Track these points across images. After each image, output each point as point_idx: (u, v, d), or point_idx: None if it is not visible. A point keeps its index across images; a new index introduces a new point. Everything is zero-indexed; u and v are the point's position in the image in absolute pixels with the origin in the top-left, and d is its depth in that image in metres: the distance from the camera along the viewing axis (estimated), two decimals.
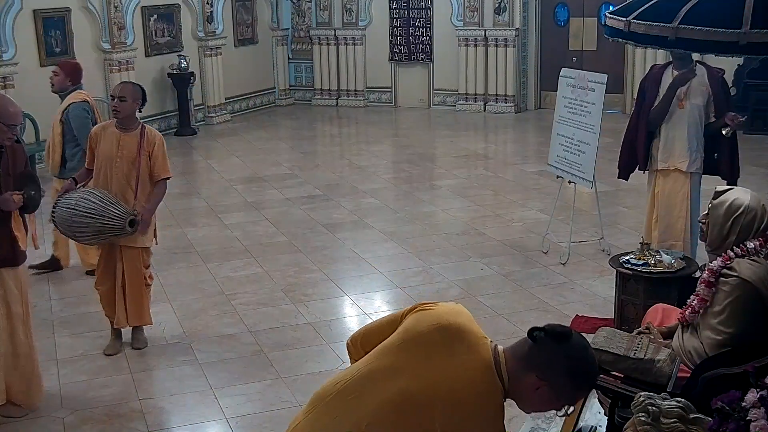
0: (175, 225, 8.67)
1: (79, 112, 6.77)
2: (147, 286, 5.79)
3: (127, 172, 5.50)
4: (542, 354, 2.44)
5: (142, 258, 5.71)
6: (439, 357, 2.48)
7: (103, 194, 5.40)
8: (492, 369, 2.46)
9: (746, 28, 3.73)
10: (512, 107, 14.63)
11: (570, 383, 2.46)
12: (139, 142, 5.49)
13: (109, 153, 5.49)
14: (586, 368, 2.50)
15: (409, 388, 2.45)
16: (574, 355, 2.46)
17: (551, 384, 2.44)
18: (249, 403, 5.04)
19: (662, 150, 6.35)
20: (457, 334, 2.52)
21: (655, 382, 3.66)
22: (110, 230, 5.39)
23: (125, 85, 5.69)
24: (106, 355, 5.73)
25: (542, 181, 9.98)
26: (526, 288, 6.76)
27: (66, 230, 5.47)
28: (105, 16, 12.25)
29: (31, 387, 4.95)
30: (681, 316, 3.92)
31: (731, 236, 3.79)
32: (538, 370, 2.43)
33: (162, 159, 5.58)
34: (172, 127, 13.74)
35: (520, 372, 2.46)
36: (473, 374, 2.46)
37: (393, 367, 2.50)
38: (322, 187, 10.16)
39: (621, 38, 4.42)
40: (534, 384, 2.44)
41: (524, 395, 2.49)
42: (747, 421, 2.77)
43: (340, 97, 15.97)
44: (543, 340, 2.46)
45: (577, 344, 2.48)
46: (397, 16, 15.31)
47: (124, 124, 5.51)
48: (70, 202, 5.36)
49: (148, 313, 5.82)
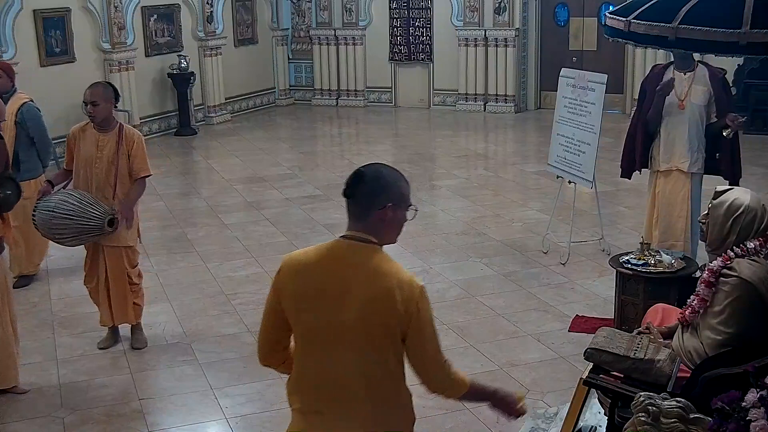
0: (175, 225, 8.67)
1: (35, 112, 6.78)
2: (134, 284, 5.78)
3: (107, 172, 5.49)
4: (364, 196, 2.75)
5: (127, 257, 5.70)
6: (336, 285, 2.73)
7: (83, 195, 5.41)
8: (353, 242, 2.78)
9: (746, 28, 3.73)
10: (512, 107, 14.63)
11: (398, 185, 2.78)
12: (118, 141, 5.49)
13: (89, 154, 5.50)
14: (393, 171, 2.82)
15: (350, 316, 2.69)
16: (378, 172, 2.79)
17: (390, 198, 2.74)
18: (249, 403, 5.04)
19: (663, 150, 6.35)
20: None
21: (655, 382, 3.66)
22: (90, 231, 5.41)
23: (95, 89, 5.50)
24: (100, 348, 5.78)
25: (542, 181, 9.98)
26: (526, 288, 6.76)
27: (47, 232, 5.49)
28: (105, 16, 12.25)
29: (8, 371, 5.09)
30: (681, 316, 3.92)
31: (731, 236, 3.79)
32: (375, 205, 2.74)
33: (141, 157, 5.57)
34: (172, 127, 13.74)
35: (367, 222, 2.76)
36: (356, 260, 2.75)
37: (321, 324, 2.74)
38: (322, 187, 10.16)
39: (621, 38, 4.42)
40: (382, 214, 2.74)
41: (385, 230, 2.79)
42: (747, 421, 2.77)
43: (340, 97, 15.97)
44: (352, 189, 2.79)
45: (370, 168, 2.82)
46: (397, 16, 15.31)
47: (102, 125, 5.51)
48: (50, 204, 5.38)
49: (132, 310, 5.80)
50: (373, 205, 2.74)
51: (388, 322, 2.68)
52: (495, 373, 5.31)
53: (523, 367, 5.38)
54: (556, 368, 5.39)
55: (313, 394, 2.79)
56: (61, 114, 11.61)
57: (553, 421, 4.66)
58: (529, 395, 5.06)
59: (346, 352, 2.71)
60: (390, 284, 2.68)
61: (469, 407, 4.89)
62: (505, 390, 3.01)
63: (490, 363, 5.43)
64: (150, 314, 6.17)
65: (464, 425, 4.74)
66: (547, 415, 4.76)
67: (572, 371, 5.17)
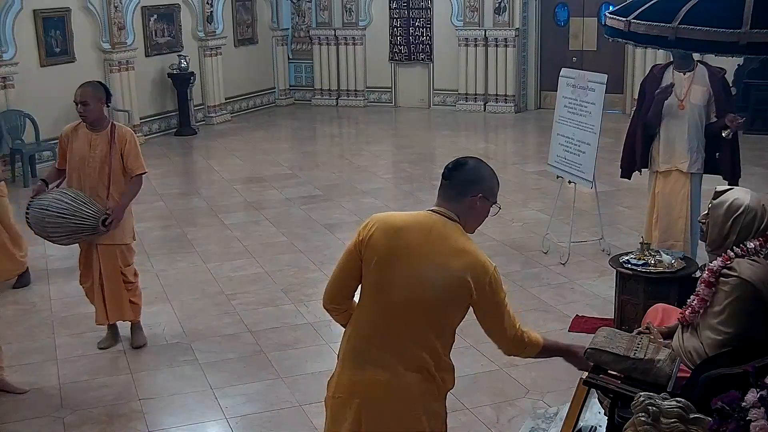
0: (175, 225, 8.68)
1: None
2: (130, 283, 5.77)
3: (100, 171, 5.49)
4: (459, 181, 3.03)
5: (122, 255, 5.69)
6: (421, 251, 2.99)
7: (76, 194, 5.41)
8: (443, 218, 3.02)
9: (746, 28, 3.72)
10: (512, 107, 14.63)
11: (491, 181, 3.09)
12: (110, 140, 5.49)
13: (82, 153, 5.49)
14: (490, 168, 3.12)
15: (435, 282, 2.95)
16: (478, 165, 3.09)
17: (482, 190, 3.03)
18: (249, 403, 5.04)
19: (663, 151, 6.35)
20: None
21: (655, 382, 3.65)
22: (84, 230, 5.41)
23: (84, 89, 5.47)
24: (100, 348, 5.79)
25: (542, 181, 9.98)
26: (526, 288, 6.76)
27: (40, 231, 5.48)
28: (105, 16, 12.25)
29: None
30: (681, 316, 3.92)
31: (731, 236, 3.79)
32: (468, 192, 3.01)
33: (135, 155, 5.56)
34: (172, 127, 13.74)
35: (458, 205, 3.02)
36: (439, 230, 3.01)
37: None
38: (322, 187, 10.16)
39: (621, 38, 4.41)
40: (472, 202, 3.02)
41: (470, 215, 3.05)
42: (747, 421, 2.77)
43: (340, 97, 15.97)
44: (451, 173, 3.04)
45: (472, 159, 3.11)
46: (397, 16, 15.31)
47: (94, 124, 5.50)
48: (43, 203, 5.38)
49: (129, 308, 5.80)
50: (467, 192, 3.01)
51: (459, 294, 2.94)
52: (495, 373, 5.31)
53: (523, 367, 5.38)
54: (556, 368, 5.36)
55: (365, 345, 3.02)
56: (61, 114, 11.60)
57: (553, 421, 4.66)
58: (529, 395, 5.07)
59: (411, 312, 2.95)
60: (469, 260, 2.94)
61: (469, 407, 4.90)
62: (577, 346, 3.49)
63: (490, 363, 5.43)
64: (150, 314, 6.17)
65: (464, 425, 4.75)
66: (547, 415, 4.76)
67: (572, 371, 5.12)
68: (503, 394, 5.07)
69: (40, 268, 7.35)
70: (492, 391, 5.11)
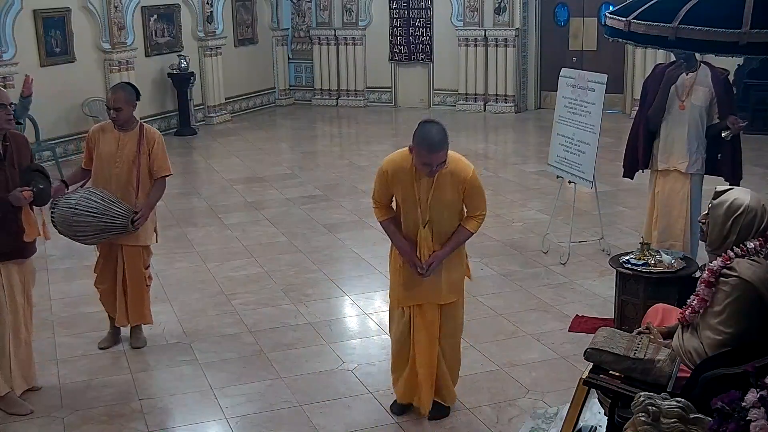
0: (175, 225, 8.67)
1: None
2: (146, 286, 5.80)
3: (128, 172, 5.50)
4: (415, 132, 4.42)
5: (143, 257, 5.72)
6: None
7: (104, 193, 5.41)
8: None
9: (746, 28, 3.72)
10: (512, 107, 14.63)
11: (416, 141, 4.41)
12: (139, 141, 5.50)
13: (110, 153, 5.49)
14: (424, 132, 4.38)
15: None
16: (421, 129, 4.39)
17: (415, 144, 4.42)
18: (249, 403, 5.04)
19: (662, 150, 6.34)
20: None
21: (655, 382, 3.66)
22: (112, 229, 5.40)
23: (118, 95, 5.43)
24: (100, 348, 5.79)
25: (542, 181, 9.98)
26: (526, 288, 6.76)
27: (66, 230, 5.44)
28: (105, 16, 12.25)
29: (29, 371, 5.09)
30: (681, 316, 3.92)
31: (731, 236, 3.79)
32: (412, 142, 4.43)
33: (162, 156, 5.58)
34: (172, 127, 13.74)
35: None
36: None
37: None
38: (322, 187, 10.16)
39: (621, 38, 4.42)
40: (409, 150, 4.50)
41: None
42: (747, 421, 2.77)
43: (340, 97, 15.97)
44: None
45: (427, 122, 4.46)
46: (397, 16, 15.31)
47: (123, 125, 5.52)
48: (71, 202, 5.34)
49: (149, 311, 5.83)
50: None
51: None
52: (495, 373, 5.31)
53: (523, 367, 5.38)
54: (556, 368, 5.40)
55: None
56: (61, 114, 11.64)
57: (553, 421, 4.66)
58: (529, 395, 5.06)
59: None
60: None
61: (469, 407, 4.90)
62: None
63: (490, 363, 5.43)
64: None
65: (464, 425, 4.74)
66: (547, 415, 4.76)
67: (572, 371, 5.17)
68: (503, 394, 5.07)
69: (40, 268, 7.33)
70: (492, 391, 5.11)
